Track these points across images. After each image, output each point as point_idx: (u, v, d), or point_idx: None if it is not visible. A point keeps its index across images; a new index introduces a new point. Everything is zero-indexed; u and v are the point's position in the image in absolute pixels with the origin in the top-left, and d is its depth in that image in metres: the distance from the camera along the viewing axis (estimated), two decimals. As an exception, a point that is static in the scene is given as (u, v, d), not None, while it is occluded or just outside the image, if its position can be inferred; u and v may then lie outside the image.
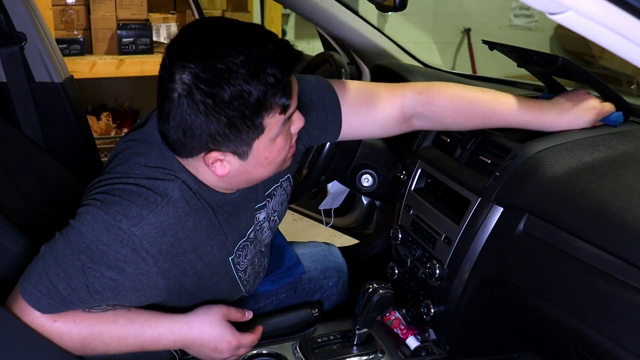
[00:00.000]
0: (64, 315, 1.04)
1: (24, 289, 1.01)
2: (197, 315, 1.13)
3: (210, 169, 1.04)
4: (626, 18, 0.68)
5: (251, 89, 0.95)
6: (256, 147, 1.02)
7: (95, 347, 1.07)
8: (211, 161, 1.02)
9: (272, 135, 1.02)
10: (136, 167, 1.06)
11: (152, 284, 1.06)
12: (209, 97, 0.94)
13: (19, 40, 1.66)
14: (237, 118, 0.97)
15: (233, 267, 1.19)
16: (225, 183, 1.09)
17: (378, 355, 1.36)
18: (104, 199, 1.02)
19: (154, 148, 1.08)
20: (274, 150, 1.05)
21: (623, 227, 0.94)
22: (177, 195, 1.04)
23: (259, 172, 1.08)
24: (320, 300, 1.56)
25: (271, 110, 0.99)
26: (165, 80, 0.97)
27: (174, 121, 0.99)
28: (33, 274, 1.02)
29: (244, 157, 1.03)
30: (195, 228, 1.07)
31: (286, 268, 1.51)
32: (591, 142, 1.18)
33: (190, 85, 0.95)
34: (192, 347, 1.14)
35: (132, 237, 1.00)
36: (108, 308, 1.08)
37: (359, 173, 1.60)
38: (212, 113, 0.96)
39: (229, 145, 1.00)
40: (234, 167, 1.04)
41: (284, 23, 4.56)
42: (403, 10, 1.07)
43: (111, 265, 1.01)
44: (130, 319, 1.08)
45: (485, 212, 1.19)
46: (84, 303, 1.04)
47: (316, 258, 1.59)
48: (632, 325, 0.92)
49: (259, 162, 1.05)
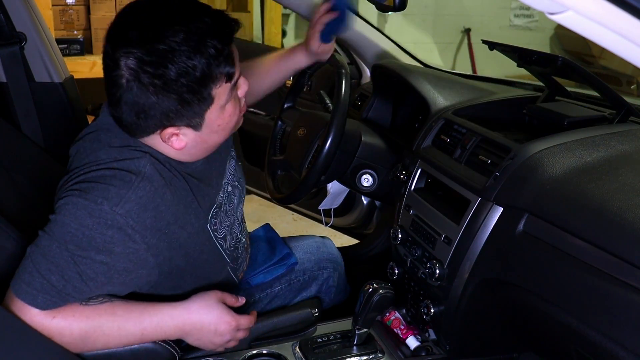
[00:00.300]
0: (62, 310, 1.04)
1: (18, 289, 1.02)
2: (194, 300, 1.15)
3: (167, 144, 1.09)
4: (626, 18, 0.68)
5: (195, 64, 0.99)
6: (208, 117, 1.08)
7: (96, 340, 1.07)
8: (167, 137, 1.07)
9: (222, 103, 1.08)
10: (102, 153, 1.09)
11: (142, 263, 1.08)
12: (156, 78, 0.99)
13: (19, 40, 1.67)
14: (186, 93, 1.01)
15: (212, 234, 1.22)
16: (186, 155, 1.13)
17: (378, 355, 1.36)
18: (80, 187, 1.04)
19: (113, 131, 1.11)
20: (225, 117, 1.11)
21: (623, 227, 0.94)
22: (149, 170, 1.07)
23: (214, 138, 1.13)
24: (319, 298, 1.56)
25: (217, 81, 1.04)
26: (110, 68, 1.01)
27: (125, 105, 1.03)
28: (24, 274, 1.02)
29: (198, 128, 1.08)
30: (173, 199, 1.10)
31: (278, 259, 1.52)
32: (591, 142, 1.18)
33: (136, 70, 0.99)
34: (192, 332, 1.14)
35: (116, 217, 1.02)
36: (105, 300, 1.08)
37: (359, 173, 1.60)
38: (161, 92, 1.00)
39: (182, 119, 1.06)
40: (189, 138, 1.09)
41: (284, 23, 4.56)
42: (403, 10, 1.08)
43: (100, 248, 1.02)
44: (129, 309, 1.09)
45: (485, 212, 1.19)
46: (79, 293, 1.04)
47: (309, 250, 1.60)
48: (632, 325, 0.92)
49: (213, 130, 1.11)
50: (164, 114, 1.03)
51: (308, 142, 1.60)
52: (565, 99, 1.48)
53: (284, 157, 1.71)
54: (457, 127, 1.40)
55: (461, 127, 1.39)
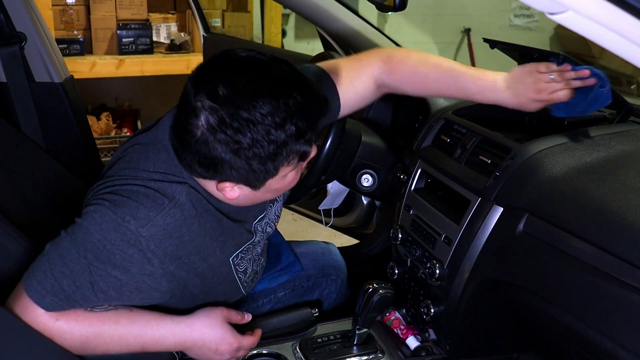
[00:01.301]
0: (66, 314, 1.04)
1: (28, 285, 1.01)
2: (198, 317, 1.14)
3: (220, 191, 1.07)
4: (626, 18, 0.68)
5: (272, 138, 0.97)
6: (269, 183, 1.06)
7: (97, 347, 1.07)
8: (222, 188, 1.05)
9: (286, 173, 1.06)
10: (143, 172, 1.07)
11: (155, 286, 1.07)
12: (231, 142, 0.97)
13: (19, 40, 1.67)
14: (255, 162, 1.00)
15: (234, 268, 1.20)
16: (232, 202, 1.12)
17: (378, 355, 1.36)
18: (112, 199, 1.03)
19: (163, 154, 1.09)
20: (285, 183, 1.09)
21: (623, 227, 0.94)
22: (184, 199, 1.05)
23: (267, 197, 1.13)
24: (320, 300, 1.56)
25: (289, 159, 1.02)
26: (189, 113, 0.98)
27: (192, 153, 1.01)
28: (38, 271, 1.02)
29: (255, 189, 1.07)
30: (200, 230, 1.09)
31: (283, 266, 1.52)
32: (591, 142, 1.18)
33: (215, 128, 0.96)
34: (193, 349, 1.14)
35: (140, 238, 1.01)
36: (110, 308, 1.08)
37: (359, 173, 1.60)
38: (232, 155, 0.98)
39: (242, 180, 1.04)
40: (244, 193, 1.07)
41: (284, 23, 4.56)
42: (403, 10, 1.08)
43: (117, 264, 1.02)
44: (132, 319, 1.09)
45: (485, 212, 1.19)
46: (87, 302, 1.04)
47: (314, 256, 1.60)
48: (632, 325, 0.92)
49: (269, 191, 1.10)
50: (228, 173, 1.02)
51: (308, 142, 1.60)
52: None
53: (284, 157, 1.70)
54: (457, 127, 1.40)
55: (461, 127, 1.39)
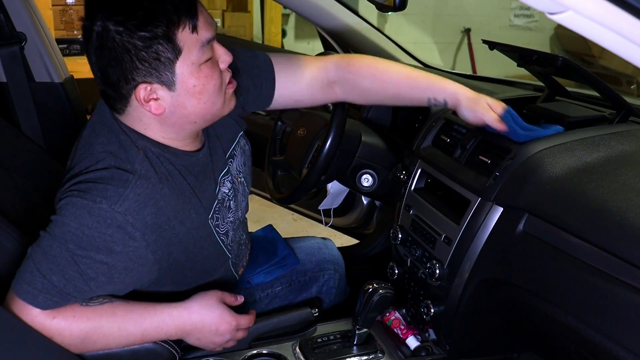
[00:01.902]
0: (63, 311, 1.04)
1: (19, 289, 1.02)
2: (195, 300, 1.15)
3: (146, 109, 1.06)
4: (626, 18, 0.68)
5: (156, 10, 1.01)
6: (180, 73, 1.05)
7: (96, 342, 1.07)
8: (143, 97, 1.05)
9: (194, 58, 1.05)
10: (98, 153, 1.09)
11: (142, 261, 1.08)
12: (120, 25, 1.00)
13: (19, 40, 1.67)
14: (149, 39, 1.01)
15: (214, 230, 1.21)
16: (170, 127, 1.11)
17: (378, 355, 1.36)
18: (79, 188, 1.05)
19: (106, 124, 1.12)
20: (201, 77, 1.07)
21: (623, 227, 0.94)
22: (145, 168, 1.08)
23: (194, 104, 1.09)
24: (319, 298, 1.56)
25: (180, 26, 1.02)
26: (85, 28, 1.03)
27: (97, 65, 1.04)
28: (25, 273, 1.02)
29: (171, 86, 1.05)
30: (172, 194, 1.10)
31: (279, 259, 1.52)
32: (591, 142, 1.18)
33: (102, 26, 1.00)
34: (192, 332, 1.15)
35: (116, 215, 1.03)
36: (105, 301, 1.08)
37: (359, 173, 1.60)
38: (126, 40, 1.00)
39: (152, 73, 1.03)
40: (167, 102, 1.07)
41: (284, 23, 4.56)
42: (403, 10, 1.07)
43: (100, 248, 1.03)
44: (129, 309, 1.09)
45: (485, 212, 1.19)
46: (80, 293, 1.05)
47: (310, 251, 1.60)
48: (632, 325, 0.92)
49: (189, 92, 1.07)
50: (132, 64, 1.02)
51: (308, 142, 1.60)
52: (565, 99, 1.48)
53: (284, 157, 1.71)
54: (457, 127, 1.40)
55: (461, 127, 1.39)
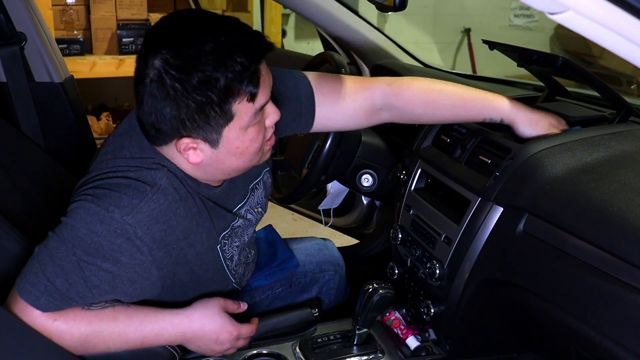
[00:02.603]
0: (64, 314, 1.04)
1: (22, 288, 1.02)
2: (196, 308, 1.14)
3: (184, 156, 1.06)
4: (626, 18, 0.68)
5: (218, 76, 0.98)
6: (226, 135, 1.04)
7: (96, 345, 1.07)
8: (183, 148, 1.04)
9: (243, 124, 1.04)
10: (120, 160, 1.08)
11: (146, 275, 1.07)
12: (177, 82, 0.97)
13: (19, 40, 1.67)
14: (204, 103, 0.99)
15: (221, 255, 1.21)
16: (202, 172, 1.11)
17: (378, 355, 1.36)
18: (94, 193, 1.04)
19: (135, 139, 1.10)
20: (246, 140, 1.07)
21: (623, 227, 0.94)
22: (165, 183, 1.06)
23: (233, 162, 1.09)
24: (320, 298, 1.56)
25: (238, 97, 1.01)
26: (140, 67, 1.01)
27: (146, 106, 1.01)
28: (29, 273, 1.02)
29: (214, 145, 1.05)
30: (186, 215, 1.09)
31: (279, 262, 1.52)
32: (591, 142, 1.18)
33: (160, 70, 0.98)
34: (192, 340, 1.14)
35: (126, 226, 1.02)
36: (107, 305, 1.08)
37: (359, 173, 1.60)
38: (180, 98, 0.98)
39: (198, 131, 1.03)
40: (206, 155, 1.07)
41: (284, 23, 4.56)
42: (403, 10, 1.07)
43: (106, 256, 1.02)
44: (130, 315, 1.09)
45: (485, 212, 1.19)
46: (82, 298, 1.04)
47: (310, 252, 1.60)
48: (632, 325, 0.92)
49: (231, 152, 1.07)
50: (180, 121, 1.01)
51: (308, 142, 1.60)
52: (565, 99, 1.48)
53: (284, 157, 1.71)
54: (457, 127, 1.40)
55: (461, 127, 1.39)
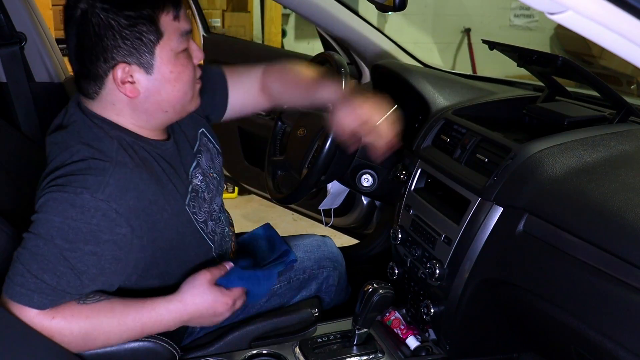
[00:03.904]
0: (61, 310, 1.04)
1: (12, 292, 1.01)
2: (186, 290, 1.15)
3: (120, 91, 1.09)
4: (626, 18, 0.68)
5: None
6: (159, 56, 1.09)
7: (97, 339, 1.07)
8: (120, 78, 1.07)
9: (172, 45, 1.09)
10: (71, 147, 1.09)
11: (129, 248, 1.08)
12: (106, 2, 1.03)
13: (19, 40, 1.67)
14: (134, 18, 1.05)
15: (192, 216, 1.22)
16: (143, 113, 1.14)
17: (378, 355, 1.36)
18: (57, 183, 1.04)
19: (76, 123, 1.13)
20: (178, 65, 1.12)
21: (623, 227, 0.94)
22: (121, 155, 1.09)
23: (169, 92, 1.13)
24: (319, 297, 1.56)
25: (164, 9, 1.07)
26: (68, 9, 1.07)
27: (79, 43, 1.06)
28: (15, 276, 1.02)
29: (149, 69, 1.09)
30: (150, 179, 1.11)
31: (277, 256, 1.52)
32: (591, 142, 1.18)
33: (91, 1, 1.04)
34: (191, 320, 1.16)
35: (99, 203, 1.03)
36: (102, 298, 1.08)
37: (359, 173, 1.60)
38: (112, 16, 1.04)
39: (132, 52, 1.06)
40: (142, 86, 1.10)
41: (284, 23, 4.56)
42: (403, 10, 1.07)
43: (87, 239, 1.03)
44: (127, 305, 1.10)
45: (485, 212, 1.19)
46: (73, 288, 1.04)
47: (309, 248, 1.59)
48: (632, 325, 0.92)
49: (165, 77, 1.11)
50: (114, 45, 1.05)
51: (308, 142, 1.60)
52: (565, 99, 1.48)
53: (284, 157, 1.71)
54: (457, 127, 1.40)
55: (461, 127, 1.39)
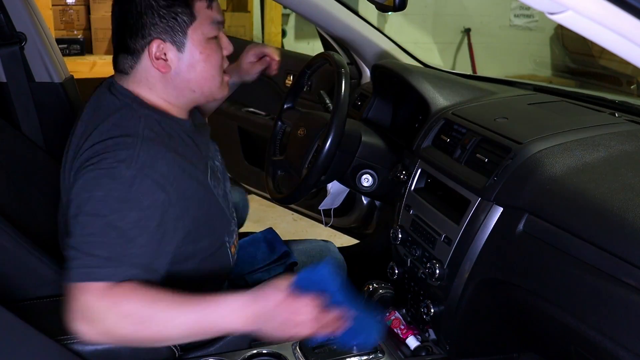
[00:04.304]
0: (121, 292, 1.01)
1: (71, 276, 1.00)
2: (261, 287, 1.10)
3: (154, 66, 1.15)
4: (626, 18, 0.68)
5: None
6: (191, 37, 1.16)
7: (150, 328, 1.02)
8: (155, 55, 1.14)
9: (205, 30, 1.17)
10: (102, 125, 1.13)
11: (168, 213, 1.11)
12: None
13: (19, 40, 1.67)
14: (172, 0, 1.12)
15: (213, 190, 1.25)
16: (172, 88, 1.19)
17: (378, 355, 1.36)
18: (92, 162, 1.08)
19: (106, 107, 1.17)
20: (207, 49, 1.18)
21: (623, 227, 0.94)
22: (147, 131, 1.13)
23: (197, 71, 1.19)
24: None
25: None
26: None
27: (121, 17, 1.14)
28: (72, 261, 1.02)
29: (181, 47, 1.16)
30: (176, 151, 1.16)
31: (277, 257, 1.52)
32: (591, 142, 1.18)
33: None
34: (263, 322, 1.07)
35: (134, 173, 1.07)
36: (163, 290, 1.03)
37: (359, 173, 1.60)
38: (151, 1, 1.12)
39: (166, 30, 1.14)
40: (174, 63, 1.17)
41: (284, 23, 4.56)
42: (403, 10, 1.08)
43: (131, 205, 1.06)
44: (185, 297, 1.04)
45: (485, 212, 1.19)
46: (127, 257, 1.03)
47: (312, 253, 1.60)
48: (632, 325, 0.92)
49: (195, 58, 1.18)
50: (152, 18, 1.12)
51: (308, 142, 1.60)
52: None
53: (284, 157, 1.71)
54: (457, 127, 1.40)
55: (461, 127, 1.39)
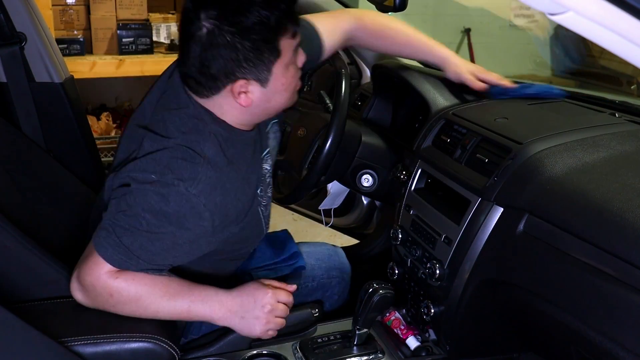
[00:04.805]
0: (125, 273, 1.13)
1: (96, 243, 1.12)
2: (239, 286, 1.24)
3: (236, 101, 1.16)
4: (626, 18, 0.68)
5: (269, 15, 1.10)
6: (275, 72, 1.16)
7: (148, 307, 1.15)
8: (238, 91, 1.14)
9: (287, 60, 1.17)
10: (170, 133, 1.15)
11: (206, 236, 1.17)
12: (233, 26, 1.09)
13: (19, 40, 1.67)
14: (259, 41, 1.11)
15: (259, 200, 1.29)
16: (248, 115, 1.21)
17: (378, 355, 1.36)
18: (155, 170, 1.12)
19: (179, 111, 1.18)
20: (289, 77, 1.19)
21: (623, 227, 0.94)
22: (214, 152, 1.15)
23: (277, 100, 1.21)
24: (320, 300, 1.56)
25: (285, 33, 1.14)
26: (188, 22, 1.11)
27: (202, 58, 1.11)
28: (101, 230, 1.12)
29: (264, 83, 1.16)
30: (237, 175, 1.18)
31: (286, 257, 1.53)
32: (591, 142, 1.18)
33: (214, 20, 1.09)
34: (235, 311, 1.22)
35: (190, 197, 1.10)
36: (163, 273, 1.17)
37: (359, 173, 1.60)
38: (238, 40, 1.10)
39: (252, 71, 1.14)
40: (255, 96, 1.17)
41: (284, 23, 4.55)
42: (403, 10, 1.08)
43: (172, 221, 1.11)
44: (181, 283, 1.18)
45: (485, 212, 1.19)
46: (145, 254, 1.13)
47: (320, 257, 1.61)
48: (632, 325, 0.92)
49: (277, 89, 1.19)
50: (237, 63, 1.11)
51: (308, 142, 1.60)
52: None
53: (284, 157, 1.71)
54: (457, 127, 1.40)
55: (461, 127, 1.39)
